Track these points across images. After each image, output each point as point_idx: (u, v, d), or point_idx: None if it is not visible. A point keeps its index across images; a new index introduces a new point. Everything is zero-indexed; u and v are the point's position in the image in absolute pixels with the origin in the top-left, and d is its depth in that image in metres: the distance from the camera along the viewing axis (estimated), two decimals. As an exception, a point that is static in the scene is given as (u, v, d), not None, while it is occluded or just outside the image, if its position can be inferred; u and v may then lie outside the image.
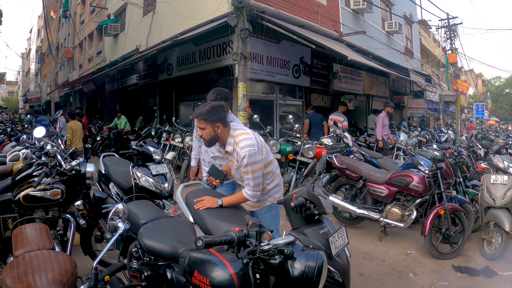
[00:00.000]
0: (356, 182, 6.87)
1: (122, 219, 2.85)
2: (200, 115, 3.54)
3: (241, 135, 3.59)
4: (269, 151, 3.84)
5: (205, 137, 3.61)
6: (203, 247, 2.08)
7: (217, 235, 2.17)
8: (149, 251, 3.02)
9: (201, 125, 3.57)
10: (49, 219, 4.67)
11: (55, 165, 4.70)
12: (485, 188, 5.95)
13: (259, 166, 3.55)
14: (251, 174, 3.54)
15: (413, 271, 5.32)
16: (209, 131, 3.56)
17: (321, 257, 2.35)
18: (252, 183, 3.57)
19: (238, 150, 3.53)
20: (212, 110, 3.52)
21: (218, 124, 3.54)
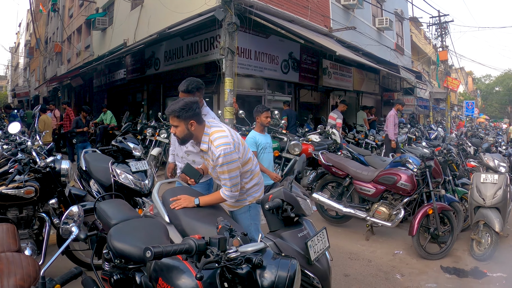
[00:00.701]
0: (342, 180, 6.73)
1: (76, 223, 2.65)
2: (173, 112, 3.33)
3: (216, 132, 3.39)
4: (247, 148, 3.65)
5: (178, 135, 3.41)
6: (151, 258, 1.86)
7: (172, 244, 1.96)
8: (118, 254, 2.83)
9: (174, 122, 3.37)
10: (23, 218, 4.54)
11: (28, 162, 4.57)
12: (475, 187, 5.86)
13: (236, 165, 3.36)
14: (228, 174, 3.34)
15: (400, 272, 5.18)
16: (182, 128, 3.36)
17: (293, 266, 2.17)
18: (229, 183, 3.38)
19: (213, 149, 3.33)
20: (185, 107, 3.31)
21: (192, 121, 3.34)
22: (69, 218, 2.68)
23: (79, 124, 11.85)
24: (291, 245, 2.83)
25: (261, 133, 5.84)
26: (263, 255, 2.08)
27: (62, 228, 2.67)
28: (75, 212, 2.70)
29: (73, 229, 2.63)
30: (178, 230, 3.25)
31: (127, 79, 19.50)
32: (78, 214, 2.72)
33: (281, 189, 3.01)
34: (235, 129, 9.88)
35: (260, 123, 5.84)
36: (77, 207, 2.76)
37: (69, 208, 2.79)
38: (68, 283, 2.20)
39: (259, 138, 5.75)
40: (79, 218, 2.71)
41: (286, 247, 2.81)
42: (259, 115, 5.79)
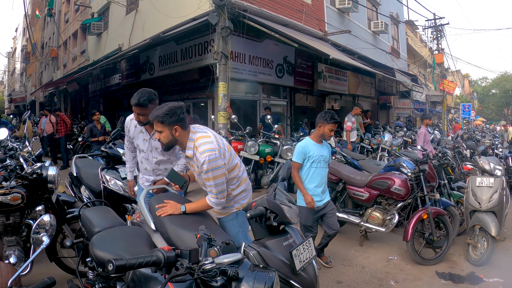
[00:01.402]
0: (336, 185, 6.63)
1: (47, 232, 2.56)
2: (157, 117, 3.25)
3: (201, 138, 3.30)
4: (233, 154, 3.55)
5: (163, 141, 3.34)
6: (113, 271, 1.75)
7: (137, 256, 1.84)
8: (100, 262, 2.76)
9: (158, 128, 3.29)
10: (10, 225, 4.45)
11: (14, 168, 4.51)
12: (471, 191, 5.77)
13: (221, 171, 3.27)
14: (213, 180, 3.26)
15: (394, 278, 5.10)
16: (167, 134, 3.28)
17: (270, 279, 2.09)
18: (215, 190, 3.29)
19: (198, 155, 3.25)
20: (169, 112, 3.23)
21: (176, 127, 3.26)
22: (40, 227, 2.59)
23: (94, 132, 11.58)
24: (275, 254, 2.75)
25: (317, 143, 4.96)
26: (240, 267, 2.00)
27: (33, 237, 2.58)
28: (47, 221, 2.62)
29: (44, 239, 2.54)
30: (164, 237, 3.17)
31: (122, 84, 19.44)
32: (50, 223, 2.63)
33: (264, 197, 2.93)
34: (229, 134, 9.81)
35: (321, 134, 4.92)
36: (49, 216, 2.67)
37: (41, 217, 2.70)
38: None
39: (312, 148, 4.91)
40: (51, 227, 2.62)
41: (270, 256, 2.72)
42: (324, 124, 4.85)
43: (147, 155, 4.28)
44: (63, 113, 14.88)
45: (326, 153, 5.03)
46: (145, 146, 4.27)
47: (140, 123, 4.10)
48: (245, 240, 3.51)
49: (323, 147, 5.01)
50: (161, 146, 3.46)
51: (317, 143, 4.96)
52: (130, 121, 4.38)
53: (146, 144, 4.26)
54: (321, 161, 4.92)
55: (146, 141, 4.25)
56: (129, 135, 4.41)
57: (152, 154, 4.25)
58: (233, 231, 3.57)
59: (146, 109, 3.96)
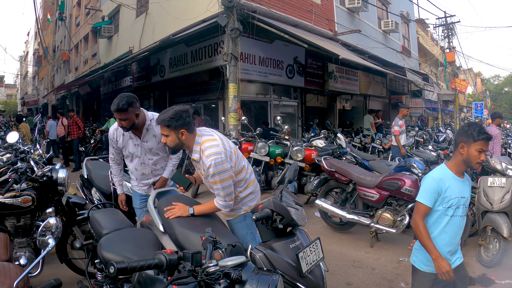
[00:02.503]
0: (346, 185, 6.62)
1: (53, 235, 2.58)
2: (163, 121, 3.29)
3: (207, 141, 3.32)
4: (240, 157, 3.56)
5: (169, 145, 3.37)
6: (114, 274, 1.77)
7: (139, 259, 1.86)
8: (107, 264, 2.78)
9: (164, 132, 3.33)
10: (21, 227, 4.52)
11: (25, 171, 4.55)
12: (482, 191, 5.71)
13: (228, 174, 3.27)
14: (220, 183, 3.27)
15: (405, 280, 5.06)
16: (173, 138, 3.32)
17: (274, 282, 2.08)
18: (222, 193, 3.31)
19: (204, 158, 3.27)
20: (175, 116, 3.26)
21: (182, 130, 3.29)
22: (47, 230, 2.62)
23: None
24: (282, 257, 2.75)
25: (458, 177, 3.13)
26: (243, 270, 2.00)
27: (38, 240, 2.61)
28: (53, 224, 2.65)
29: (50, 241, 2.57)
30: (172, 239, 3.20)
31: (134, 86, 19.53)
32: (56, 226, 2.66)
33: (270, 199, 2.93)
34: (240, 136, 9.82)
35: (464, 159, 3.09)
36: (55, 219, 2.70)
37: (47, 220, 2.74)
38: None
39: (451, 185, 3.12)
40: (57, 230, 2.65)
41: (277, 258, 2.72)
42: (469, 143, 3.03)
43: (142, 158, 4.27)
44: (76, 116, 15.02)
45: (467, 193, 3.23)
46: (138, 150, 4.25)
47: (124, 128, 4.06)
48: (253, 242, 3.51)
49: (464, 183, 3.19)
50: (168, 150, 3.49)
51: (457, 176, 3.13)
52: (115, 131, 4.34)
53: (138, 149, 4.24)
54: (461, 206, 3.17)
55: (138, 145, 4.23)
56: (117, 146, 4.35)
57: (147, 157, 4.26)
58: (241, 233, 3.58)
59: (127, 113, 3.96)
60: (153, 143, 4.18)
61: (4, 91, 77.70)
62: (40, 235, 2.63)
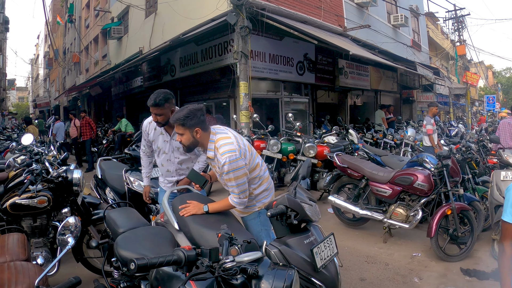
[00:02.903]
0: (358, 181, 6.63)
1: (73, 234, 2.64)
2: (177, 120, 3.33)
3: (221, 139, 3.35)
4: (254, 154, 3.59)
5: (184, 143, 3.41)
6: (135, 270, 1.82)
7: (158, 256, 1.91)
8: (124, 262, 2.84)
9: (179, 130, 3.37)
10: (38, 227, 4.60)
11: (40, 172, 4.62)
12: (495, 185, 5.67)
13: (243, 172, 3.31)
14: (234, 181, 3.30)
15: (418, 275, 5.07)
16: (188, 136, 3.35)
17: (290, 276, 2.11)
18: (237, 190, 3.34)
19: (219, 156, 3.30)
20: (189, 115, 3.31)
21: (197, 129, 3.33)
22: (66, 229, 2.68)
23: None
24: (297, 252, 2.77)
25: None
26: (260, 265, 2.03)
27: (58, 239, 2.68)
28: (72, 223, 2.71)
29: (69, 240, 2.63)
30: (187, 237, 3.23)
31: (144, 87, 19.66)
32: (75, 225, 2.72)
33: (284, 195, 2.96)
34: (251, 133, 9.86)
35: None
36: (74, 218, 2.76)
37: (66, 219, 2.80)
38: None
39: None
40: (76, 229, 2.71)
41: (291, 254, 2.75)
42: None
43: (169, 155, 4.34)
44: (89, 117, 15.13)
45: None
46: (166, 147, 4.32)
47: (158, 124, 4.14)
48: (267, 238, 3.54)
49: None
50: (183, 148, 3.51)
51: None
52: (148, 124, 4.44)
53: (167, 146, 4.31)
54: None
55: (167, 142, 4.30)
56: (148, 138, 4.46)
57: (174, 155, 4.32)
58: (256, 229, 3.62)
59: (163, 109, 4.04)
60: None
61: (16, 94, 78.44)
62: (60, 234, 2.69)
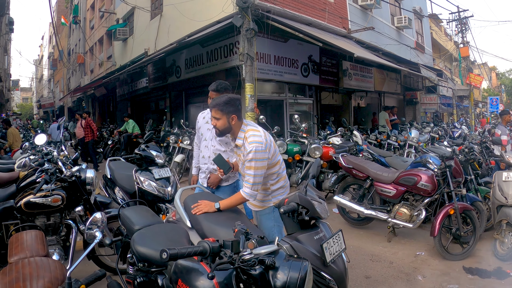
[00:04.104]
0: (363, 182, 6.75)
1: (100, 228, 2.78)
2: (217, 105, 3.60)
3: (251, 131, 3.62)
4: (277, 151, 3.80)
5: (219, 127, 3.66)
6: (167, 259, 1.97)
7: (187, 246, 2.06)
8: (141, 258, 2.97)
9: (216, 115, 3.62)
10: (51, 225, 4.72)
11: (54, 171, 4.72)
12: (497, 186, 5.76)
13: (263, 164, 3.52)
14: (253, 170, 3.50)
15: (422, 273, 5.18)
16: (224, 122, 3.61)
17: (304, 267, 2.24)
18: (252, 180, 3.51)
19: (246, 145, 3.54)
20: (229, 102, 3.59)
21: (233, 116, 3.59)
22: (93, 224, 2.83)
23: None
24: (307, 247, 2.89)
25: None
26: (276, 257, 2.16)
27: (86, 233, 2.82)
28: (99, 218, 2.85)
29: (97, 234, 2.77)
30: (199, 234, 3.34)
31: (150, 88, 19.77)
32: (102, 220, 2.86)
33: (296, 193, 3.09)
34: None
35: None
36: (101, 214, 2.90)
37: (93, 215, 2.93)
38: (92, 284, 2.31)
39: None
40: (103, 224, 2.86)
41: (302, 249, 2.87)
42: None
43: (207, 142, 4.70)
44: (90, 118, 15.19)
45: None
46: (208, 134, 4.72)
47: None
48: (279, 234, 3.70)
49: None
50: (215, 132, 3.78)
51: None
52: (201, 113, 4.98)
53: (209, 133, 4.71)
54: None
55: (209, 130, 4.65)
56: (198, 127, 4.91)
57: (211, 142, 4.66)
58: (269, 224, 3.79)
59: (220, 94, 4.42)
60: None
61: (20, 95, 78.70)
62: (88, 229, 2.82)
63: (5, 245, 4.35)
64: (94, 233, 2.78)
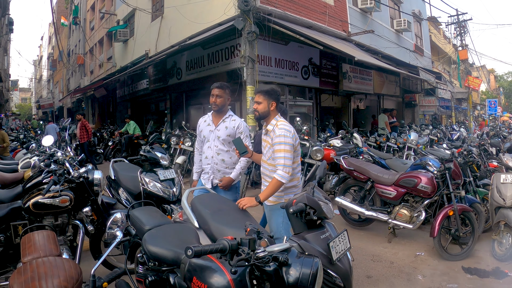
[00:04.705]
0: (364, 183, 6.85)
1: (120, 228, 2.88)
2: (261, 91, 4.15)
3: (283, 122, 4.09)
4: (298, 151, 4.17)
5: (259, 110, 4.13)
6: (192, 256, 2.08)
7: (208, 244, 2.18)
8: (153, 257, 3.06)
9: (259, 99, 4.12)
10: (58, 226, 4.74)
11: (63, 172, 4.77)
12: (495, 188, 5.85)
13: (291, 149, 3.88)
14: (283, 152, 3.85)
15: (422, 273, 5.29)
16: (264, 106, 4.10)
17: (316, 264, 2.35)
18: (283, 161, 3.84)
19: (276, 129, 3.99)
20: (271, 90, 4.16)
21: (273, 102, 4.10)
22: (113, 224, 2.93)
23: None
24: (314, 246, 3.00)
25: None
26: (288, 254, 2.26)
27: (107, 232, 2.93)
28: (119, 218, 2.96)
29: (118, 233, 2.88)
30: (207, 234, 3.43)
31: (150, 89, 19.85)
32: (121, 220, 2.97)
33: (304, 194, 3.20)
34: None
35: None
36: (120, 214, 3.01)
37: (113, 215, 3.04)
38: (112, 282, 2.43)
39: None
40: (122, 224, 2.96)
41: (309, 248, 2.97)
42: None
43: (210, 143, 4.84)
44: (85, 120, 15.08)
45: None
46: (210, 135, 4.87)
47: (215, 106, 4.80)
48: (287, 232, 3.90)
49: None
50: (255, 115, 4.19)
51: None
52: (201, 119, 5.12)
53: (211, 134, 4.86)
54: None
55: (212, 131, 4.85)
56: (199, 131, 5.04)
57: (214, 143, 4.81)
58: (278, 220, 4.01)
59: (224, 93, 4.81)
60: (223, 133, 4.79)
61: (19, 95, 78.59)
62: (109, 228, 2.93)
63: (13, 245, 4.42)
64: (115, 232, 2.90)
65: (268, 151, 4.08)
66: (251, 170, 9.10)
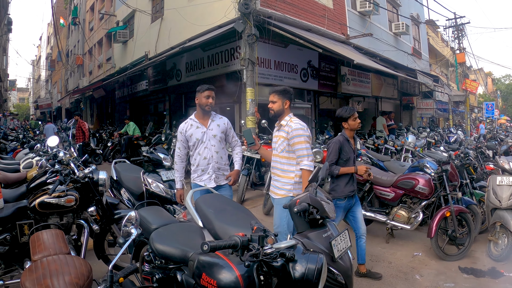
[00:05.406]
0: (363, 185, 6.94)
1: (134, 226, 2.99)
2: (276, 91, 4.38)
3: (296, 119, 4.35)
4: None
5: (274, 109, 4.38)
6: (208, 251, 2.20)
7: (222, 240, 2.31)
8: (160, 255, 3.15)
9: (274, 98, 4.37)
10: (64, 225, 4.82)
11: (69, 173, 4.84)
12: (491, 190, 5.97)
13: (308, 140, 4.15)
14: (304, 143, 4.18)
15: (419, 273, 5.40)
16: (279, 104, 4.35)
17: (321, 260, 2.46)
18: (306, 151, 4.13)
19: (291, 123, 4.26)
20: (285, 90, 4.40)
21: (287, 101, 4.35)
22: (128, 222, 3.03)
23: None
24: (316, 245, 3.10)
25: None
26: (295, 251, 2.37)
27: (122, 230, 3.02)
28: (133, 217, 3.05)
29: (132, 231, 2.98)
30: (211, 233, 3.51)
31: (149, 90, 19.89)
32: (136, 218, 3.07)
33: (307, 194, 3.30)
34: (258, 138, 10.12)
35: None
36: (135, 212, 3.10)
37: (128, 213, 3.13)
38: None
39: None
40: (136, 222, 3.06)
41: (312, 246, 3.06)
42: None
43: (206, 143, 4.89)
44: (82, 120, 15.05)
45: None
46: (204, 136, 4.91)
47: (210, 106, 4.89)
48: (290, 228, 4.04)
49: None
50: (270, 113, 4.45)
51: None
52: (184, 124, 5.06)
53: (205, 135, 4.91)
54: None
55: (204, 132, 4.90)
56: (185, 137, 4.98)
57: (210, 142, 4.89)
58: (283, 214, 4.17)
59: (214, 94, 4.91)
60: (217, 131, 4.93)
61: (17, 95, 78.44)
62: (124, 226, 3.03)
63: (19, 244, 4.49)
64: (129, 229, 3.00)
65: (282, 144, 4.29)
66: (251, 171, 9.16)
